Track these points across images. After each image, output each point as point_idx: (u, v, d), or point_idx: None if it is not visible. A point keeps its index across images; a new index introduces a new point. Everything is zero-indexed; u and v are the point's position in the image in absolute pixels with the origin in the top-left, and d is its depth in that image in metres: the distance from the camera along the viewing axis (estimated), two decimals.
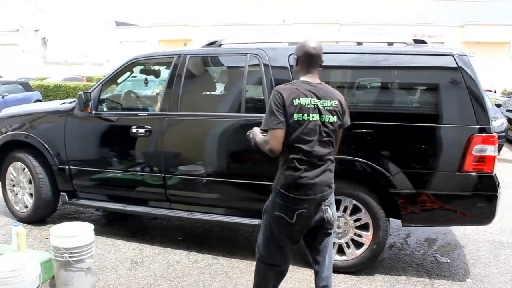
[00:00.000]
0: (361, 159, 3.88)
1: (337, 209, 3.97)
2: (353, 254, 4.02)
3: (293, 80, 3.13)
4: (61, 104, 5.43)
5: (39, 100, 18.85)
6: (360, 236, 3.99)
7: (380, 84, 4.34)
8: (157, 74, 5.43)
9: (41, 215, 5.22)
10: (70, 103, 5.15)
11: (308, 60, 2.77)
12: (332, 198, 2.82)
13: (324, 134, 2.70)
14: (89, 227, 3.68)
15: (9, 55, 39.88)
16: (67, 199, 4.97)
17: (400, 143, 3.89)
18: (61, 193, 5.03)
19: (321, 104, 2.69)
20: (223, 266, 4.18)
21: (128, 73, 5.11)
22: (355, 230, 4.01)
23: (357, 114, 4.00)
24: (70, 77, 28.72)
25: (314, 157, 2.68)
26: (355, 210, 3.99)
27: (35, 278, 3.23)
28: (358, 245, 4.02)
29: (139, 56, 4.88)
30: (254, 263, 4.13)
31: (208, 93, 5.15)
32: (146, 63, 5.20)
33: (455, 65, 3.76)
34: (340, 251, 4.05)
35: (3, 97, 17.85)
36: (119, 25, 41.29)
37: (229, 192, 4.35)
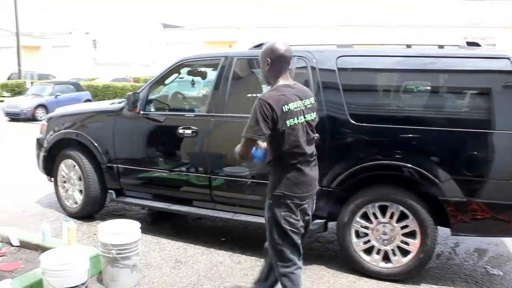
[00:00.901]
0: (409, 165, 3.78)
1: (383, 215, 3.90)
2: (399, 262, 3.91)
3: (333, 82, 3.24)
4: (111, 104, 5.58)
5: (89, 100, 19.48)
6: (406, 243, 3.89)
7: (429, 88, 4.21)
8: (203, 75, 5.48)
9: (90, 211, 5.37)
10: (119, 103, 5.28)
11: (282, 62, 2.82)
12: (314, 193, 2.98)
13: (310, 133, 2.85)
14: (135, 225, 3.75)
15: (62, 57, 41.44)
16: (114, 197, 5.10)
17: (450, 149, 3.76)
18: (109, 191, 5.16)
19: (303, 104, 2.81)
20: None
21: (175, 74, 5.19)
22: (401, 237, 3.90)
23: (405, 118, 3.94)
24: (118, 78, 29.53)
25: (307, 156, 2.83)
26: (402, 217, 3.88)
27: (84, 272, 3.31)
28: (405, 252, 3.91)
29: (187, 58, 4.94)
30: None
31: (254, 94, 5.15)
32: (193, 64, 5.26)
33: (511, 69, 3.61)
34: (386, 258, 3.96)
35: (56, 97, 18.57)
36: (166, 27, 42.03)
37: None
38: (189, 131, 4.53)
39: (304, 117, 2.80)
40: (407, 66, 4.05)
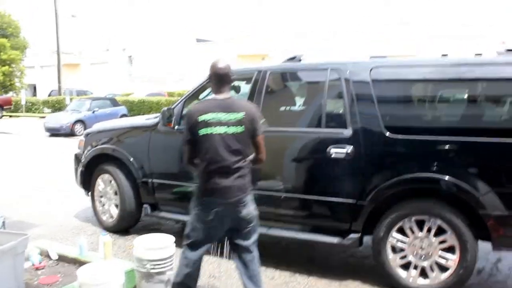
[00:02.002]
0: (446, 177, 3.68)
1: (420, 229, 3.79)
2: (437, 278, 3.79)
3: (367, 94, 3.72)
4: (146, 119, 5.67)
5: (124, 115, 19.91)
6: (445, 259, 3.76)
7: (466, 97, 4.09)
8: (237, 89, 5.50)
9: (125, 226, 5.45)
10: (154, 118, 5.35)
11: (218, 79, 3.17)
12: (248, 200, 3.21)
13: (235, 144, 3.06)
14: (170, 240, 3.77)
15: (99, 73, 42.62)
16: (149, 211, 5.16)
17: (490, 160, 3.64)
18: (144, 205, 5.22)
19: (227, 117, 3.04)
20: (300, 284, 4.12)
21: (209, 89, 5.23)
22: (440, 252, 3.78)
23: (441, 129, 3.84)
24: (153, 93, 30.10)
25: (224, 166, 3.07)
26: (440, 231, 3.76)
27: (120, 286, 3.33)
28: (443, 269, 3.78)
29: None
30: (332, 282, 4.07)
31: (287, 108, 5.15)
32: None
33: None
34: (423, 274, 3.84)
35: (93, 112, 19.09)
36: (199, 41, 42.67)
37: (307, 209, 4.29)
38: None
39: (227, 129, 3.05)
40: (444, 76, 3.96)
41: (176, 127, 4.92)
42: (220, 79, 3.17)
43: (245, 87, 5.01)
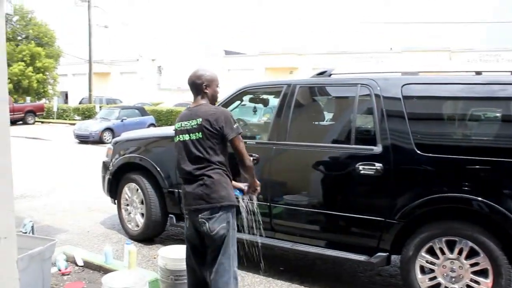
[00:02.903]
0: (479, 198, 3.56)
1: (451, 251, 3.67)
2: None
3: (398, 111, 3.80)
4: (174, 129, 5.70)
5: (152, 124, 20.14)
6: (477, 283, 3.62)
7: (499, 115, 3.98)
8: (265, 102, 5.50)
9: (150, 235, 5.46)
10: None
11: (190, 88, 3.25)
12: (212, 213, 3.02)
13: (195, 151, 3.05)
14: None
15: (129, 82, 43.41)
16: (175, 221, 5.16)
17: None
18: (170, 215, 5.23)
19: (189, 124, 3.09)
20: None
21: (238, 101, 5.24)
22: (471, 275, 3.64)
23: (473, 148, 3.74)
24: (181, 103, 30.41)
25: (187, 173, 3.09)
26: (472, 254, 3.63)
27: None
28: None
29: (250, 85, 4.99)
30: None
31: (316, 123, 5.11)
32: (256, 92, 5.29)
33: None
34: None
35: (122, 121, 19.37)
36: (228, 54, 43.08)
37: (334, 225, 4.23)
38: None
39: (189, 136, 3.08)
40: (476, 94, 3.87)
41: None
42: (191, 87, 3.25)
43: (274, 101, 5.00)
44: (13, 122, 26.99)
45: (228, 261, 3.07)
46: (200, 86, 3.20)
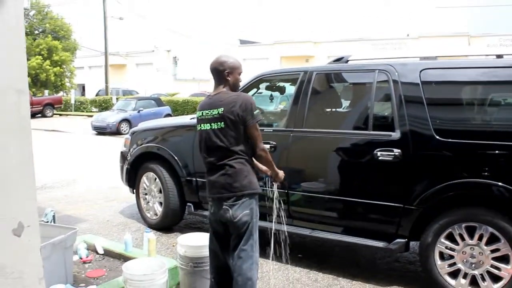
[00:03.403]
0: (499, 183, 3.51)
1: (471, 237, 3.64)
2: None
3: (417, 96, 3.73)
4: (191, 118, 5.72)
5: (169, 115, 20.23)
6: (498, 268, 3.58)
7: None
8: (282, 90, 5.49)
9: (169, 223, 5.51)
10: None
11: (212, 74, 3.14)
12: (236, 200, 3.02)
13: (217, 140, 3.00)
14: None
15: (145, 73, 43.63)
16: (193, 210, 5.20)
17: None
18: (188, 204, 5.27)
19: (210, 113, 3.03)
20: None
21: (254, 89, 5.23)
22: (492, 261, 3.61)
23: (494, 133, 3.68)
24: (197, 93, 30.51)
25: (210, 162, 3.07)
26: (493, 239, 3.59)
27: (163, 283, 3.37)
28: (496, 278, 3.60)
29: (266, 73, 4.97)
30: (377, 287, 3.98)
31: (333, 110, 5.08)
32: (272, 79, 5.28)
33: None
34: (474, 283, 3.67)
35: (139, 112, 19.50)
36: (243, 43, 42.97)
37: (352, 212, 4.21)
38: (267, 146, 4.52)
39: (210, 125, 3.03)
40: (497, 78, 3.81)
41: None
42: (212, 73, 3.15)
43: (290, 88, 4.98)
44: (32, 115, 27.28)
45: (250, 247, 3.09)
46: (222, 73, 3.09)
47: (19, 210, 2.32)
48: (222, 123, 2.98)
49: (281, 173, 3.36)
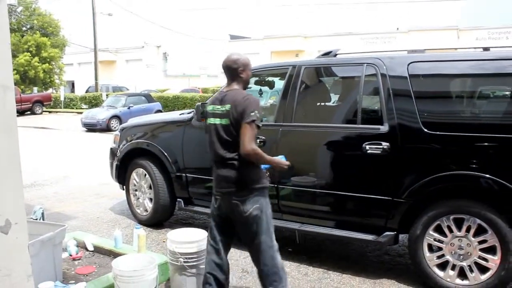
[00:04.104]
0: (487, 175, 3.54)
1: (459, 228, 3.67)
2: (476, 279, 3.66)
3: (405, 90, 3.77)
4: (180, 114, 5.71)
5: (159, 111, 20.17)
6: (485, 260, 3.62)
7: (508, 92, 3.93)
8: (271, 85, 5.48)
9: (159, 219, 5.50)
10: (188, 113, 5.38)
11: (225, 72, 3.22)
12: (246, 195, 3.06)
13: (225, 135, 3.07)
14: (203, 234, 3.77)
15: (135, 70, 43.41)
16: (183, 205, 5.19)
17: None
18: (178, 199, 5.27)
19: (220, 109, 3.10)
20: (334, 281, 4.06)
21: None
22: (479, 252, 3.65)
23: (481, 126, 3.70)
24: (188, 89, 30.41)
25: (218, 156, 3.13)
26: (480, 231, 3.63)
27: (153, 279, 3.37)
28: (483, 269, 3.64)
29: (254, 68, 4.94)
30: (366, 280, 4.01)
31: (322, 104, 5.09)
32: (261, 74, 5.26)
33: None
34: (462, 274, 3.72)
35: (129, 108, 19.42)
36: (233, 39, 42.86)
37: (341, 205, 4.23)
38: (256, 141, 4.51)
39: (219, 120, 3.10)
40: (484, 70, 3.83)
41: None
42: (225, 71, 3.22)
43: (280, 83, 4.97)
44: (21, 113, 27.16)
45: (268, 238, 3.14)
46: (236, 71, 3.16)
47: (6, 208, 2.31)
48: (228, 120, 3.04)
49: (282, 161, 3.28)
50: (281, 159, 3.32)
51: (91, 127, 18.61)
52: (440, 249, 3.77)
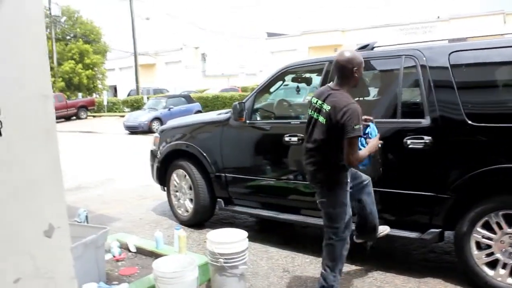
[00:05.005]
0: None
1: (510, 225, 3.48)
2: None
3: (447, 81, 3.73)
4: (218, 114, 5.72)
5: (199, 111, 20.39)
6: None
7: None
8: (308, 81, 5.41)
9: (200, 219, 5.53)
10: (226, 113, 5.38)
11: (337, 70, 3.25)
12: (320, 188, 3.35)
13: (318, 131, 3.22)
14: (243, 234, 3.76)
15: (174, 71, 44.09)
16: (223, 205, 5.20)
17: None
18: (218, 199, 5.28)
19: (321, 106, 3.18)
20: (377, 280, 3.96)
21: (280, 82, 5.17)
22: None
23: None
24: (227, 88, 30.61)
25: (306, 147, 3.35)
26: None
27: (194, 280, 3.38)
28: None
29: (291, 65, 4.91)
30: (411, 279, 3.89)
31: (361, 98, 4.96)
32: (298, 71, 5.21)
33: None
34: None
35: (169, 109, 19.72)
36: (270, 36, 42.80)
37: (383, 203, 4.11)
38: (295, 139, 4.47)
39: (318, 116, 3.22)
40: None
41: (248, 121, 4.91)
42: (337, 70, 3.24)
43: (317, 79, 4.90)
44: (67, 118, 28.12)
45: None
46: (350, 70, 3.16)
47: (49, 212, 2.35)
48: (326, 120, 3.15)
49: (374, 144, 3.38)
50: (372, 140, 3.39)
51: (133, 130, 19.01)
52: (489, 246, 3.59)
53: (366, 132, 3.41)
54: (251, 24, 42.15)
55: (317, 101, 3.24)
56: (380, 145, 3.45)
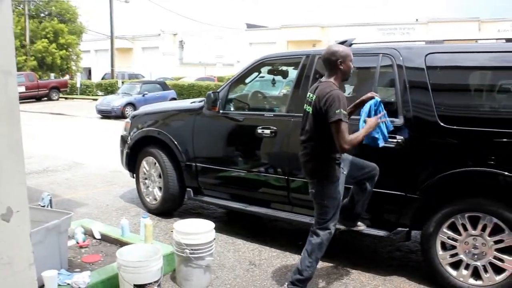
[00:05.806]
0: (506, 173, 3.40)
1: (474, 227, 3.54)
2: (491, 279, 3.52)
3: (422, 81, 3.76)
4: (191, 103, 5.63)
5: (174, 99, 20.15)
6: (501, 260, 3.48)
7: None
8: (284, 74, 5.37)
9: (168, 208, 5.46)
10: (199, 102, 5.30)
11: (324, 64, 3.39)
12: (310, 179, 3.45)
13: (308, 123, 3.35)
14: (210, 225, 3.72)
15: (151, 57, 43.50)
16: (192, 195, 5.13)
17: None
18: (187, 189, 5.21)
19: (311, 98, 3.32)
20: (343, 276, 3.98)
21: (256, 73, 5.12)
22: (495, 252, 3.50)
23: (501, 121, 3.55)
24: (203, 77, 30.35)
25: (300, 139, 3.47)
26: (497, 230, 3.48)
27: (158, 270, 3.32)
28: (498, 270, 3.50)
29: (267, 56, 4.85)
30: (377, 276, 3.91)
31: None
32: (274, 63, 5.16)
33: None
34: (476, 274, 3.59)
35: (143, 95, 19.44)
36: (249, 28, 42.63)
37: None
38: (268, 131, 4.44)
39: (309, 108, 3.33)
40: (506, 63, 3.65)
41: (221, 111, 4.85)
42: (323, 63, 3.39)
43: (293, 73, 4.86)
44: (38, 98, 27.42)
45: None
46: (335, 63, 3.27)
47: (7, 196, 2.25)
48: (311, 109, 3.29)
49: (372, 123, 3.42)
50: (369, 120, 3.42)
51: (105, 114, 18.67)
52: (453, 247, 3.64)
53: (375, 109, 3.51)
54: (231, 14, 41.87)
55: (309, 95, 3.38)
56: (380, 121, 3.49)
